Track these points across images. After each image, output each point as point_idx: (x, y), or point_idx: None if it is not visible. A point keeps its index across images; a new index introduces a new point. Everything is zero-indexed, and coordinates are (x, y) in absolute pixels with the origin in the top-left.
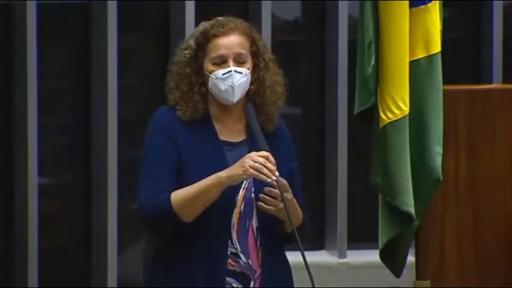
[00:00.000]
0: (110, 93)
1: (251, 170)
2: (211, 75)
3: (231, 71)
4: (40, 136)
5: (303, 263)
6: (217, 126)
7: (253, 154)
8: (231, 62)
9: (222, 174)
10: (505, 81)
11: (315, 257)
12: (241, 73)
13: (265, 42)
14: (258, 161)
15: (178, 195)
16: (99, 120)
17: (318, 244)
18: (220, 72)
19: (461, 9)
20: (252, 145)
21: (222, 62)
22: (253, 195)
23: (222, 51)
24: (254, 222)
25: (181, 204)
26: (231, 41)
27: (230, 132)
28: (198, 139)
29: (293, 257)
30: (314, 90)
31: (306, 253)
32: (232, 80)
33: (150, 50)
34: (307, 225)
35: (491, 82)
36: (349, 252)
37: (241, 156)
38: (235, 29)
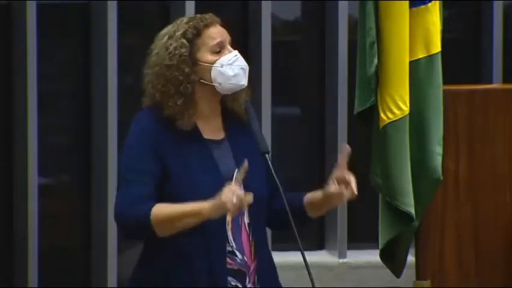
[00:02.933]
0: (110, 93)
1: (233, 207)
2: (215, 65)
3: (236, 55)
4: (40, 136)
5: (303, 263)
6: (200, 125)
7: (234, 188)
8: (230, 47)
9: (206, 207)
10: (505, 81)
11: (315, 257)
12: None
13: (265, 42)
14: (238, 195)
15: (159, 214)
16: (99, 120)
17: (318, 244)
18: (225, 58)
19: (461, 9)
20: (232, 143)
21: (220, 49)
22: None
23: (220, 38)
24: (246, 219)
25: (160, 222)
26: (221, 29)
27: (212, 130)
28: (185, 141)
29: (293, 257)
30: (314, 90)
31: (306, 253)
32: (242, 62)
33: None
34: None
35: (491, 82)
36: (349, 252)
37: (224, 153)
38: (217, 20)
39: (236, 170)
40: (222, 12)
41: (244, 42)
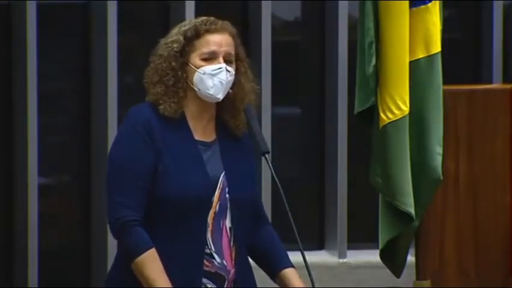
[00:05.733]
0: (110, 93)
1: None
2: (199, 70)
3: (221, 68)
4: (40, 136)
5: (303, 263)
6: (192, 126)
7: None
8: (221, 59)
9: None
10: (505, 81)
11: (315, 257)
12: (229, 71)
13: (265, 42)
14: None
15: (141, 266)
16: (99, 120)
17: (318, 244)
18: (209, 68)
19: (461, 9)
20: (223, 146)
21: (211, 58)
22: (227, 195)
23: (214, 48)
24: (227, 222)
25: (136, 271)
26: (223, 39)
27: (203, 131)
28: (175, 140)
29: (293, 257)
30: (314, 90)
31: (306, 253)
32: (222, 77)
33: (150, 50)
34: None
35: (491, 82)
36: (349, 252)
37: (213, 156)
38: (227, 29)
39: (223, 173)
40: (222, 12)
41: (244, 42)
